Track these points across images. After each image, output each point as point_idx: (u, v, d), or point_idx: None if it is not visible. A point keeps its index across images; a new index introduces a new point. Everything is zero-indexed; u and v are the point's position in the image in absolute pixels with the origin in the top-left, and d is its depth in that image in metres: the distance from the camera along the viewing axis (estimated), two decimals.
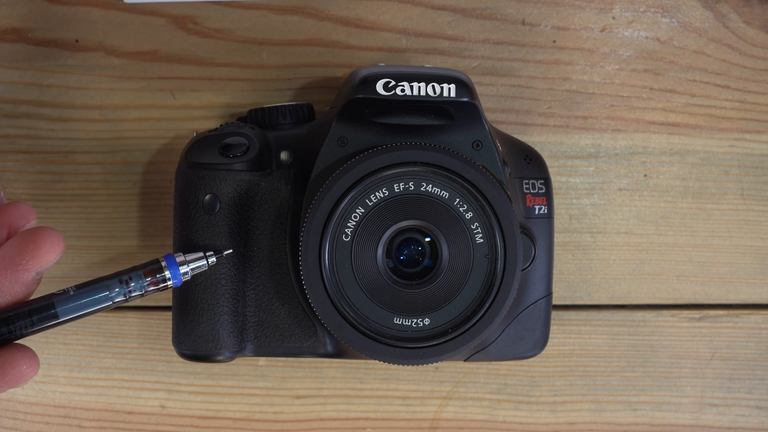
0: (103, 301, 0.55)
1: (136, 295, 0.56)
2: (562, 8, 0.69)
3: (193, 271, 0.58)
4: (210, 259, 0.59)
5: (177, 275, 0.57)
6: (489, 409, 0.71)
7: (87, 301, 0.55)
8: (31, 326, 0.53)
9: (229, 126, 0.63)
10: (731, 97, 0.70)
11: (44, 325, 0.54)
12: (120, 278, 0.55)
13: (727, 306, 0.71)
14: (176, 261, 0.57)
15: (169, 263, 0.57)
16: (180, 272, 0.57)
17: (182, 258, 0.58)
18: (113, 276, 0.56)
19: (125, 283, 0.55)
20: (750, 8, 0.69)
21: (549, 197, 0.64)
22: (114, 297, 0.55)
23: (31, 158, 0.69)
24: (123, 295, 0.55)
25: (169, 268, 0.57)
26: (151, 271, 0.56)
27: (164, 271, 0.57)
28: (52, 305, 0.54)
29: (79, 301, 0.54)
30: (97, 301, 0.55)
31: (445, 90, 0.60)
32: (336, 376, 0.70)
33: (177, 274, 0.57)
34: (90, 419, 0.71)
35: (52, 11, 0.68)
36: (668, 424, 0.71)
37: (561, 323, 0.70)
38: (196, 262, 0.58)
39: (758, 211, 0.70)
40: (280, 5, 0.68)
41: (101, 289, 0.55)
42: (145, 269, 0.56)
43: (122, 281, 0.55)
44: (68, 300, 0.54)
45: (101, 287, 0.55)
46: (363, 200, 0.58)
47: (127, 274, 0.56)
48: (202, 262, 0.59)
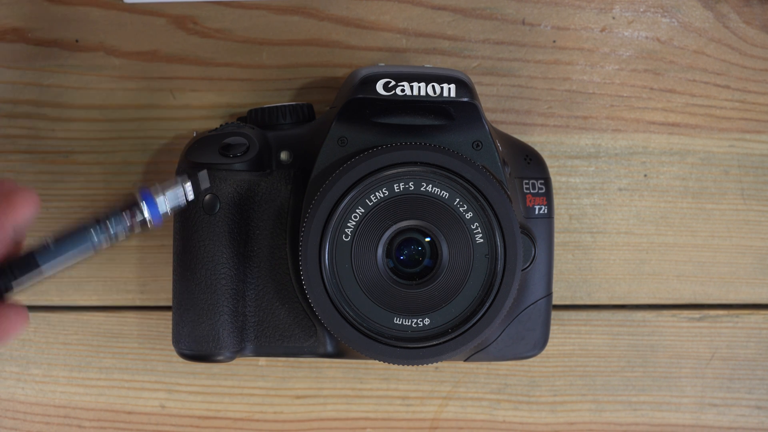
0: (87, 247, 0.53)
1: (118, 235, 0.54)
2: (562, 8, 0.69)
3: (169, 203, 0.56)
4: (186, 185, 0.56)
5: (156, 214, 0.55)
6: (489, 409, 0.71)
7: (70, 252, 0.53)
8: (13, 279, 0.52)
9: (229, 126, 0.63)
10: (731, 97, 0.70)
11: (29, 281, 0.52)
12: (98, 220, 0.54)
13: (727, 306, 0.71)
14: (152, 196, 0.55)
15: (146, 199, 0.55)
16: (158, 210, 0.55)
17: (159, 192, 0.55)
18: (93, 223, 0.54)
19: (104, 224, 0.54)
20: (750, 8, 0.69)
21: (549, 197, 0.64)
22: (98, 241, 0.53)
23: (31, 158, 0.69)
24: (105, 239, 0.54)
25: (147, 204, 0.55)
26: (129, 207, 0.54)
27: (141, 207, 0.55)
28: (33, 259, 0.52)
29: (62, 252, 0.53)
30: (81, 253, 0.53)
31: (445, 90, 0.60)
32: (336, 376, 0.70)
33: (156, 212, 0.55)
34: (90, 419, 0.71)
35: (52, 11, 0.68)
36: (668, 424, 0.71)
37: (561, 323, 0.70)
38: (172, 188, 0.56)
39: (758, 211, 0.70)
40: (280, 5, 0.68)
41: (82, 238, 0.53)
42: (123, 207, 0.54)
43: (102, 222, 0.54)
44: (49, 253, 0.53)
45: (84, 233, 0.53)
46: (363, 200, 0.58)
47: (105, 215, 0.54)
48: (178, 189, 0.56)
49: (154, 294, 0.70)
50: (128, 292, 0.70)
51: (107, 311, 0.70)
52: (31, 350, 0.70)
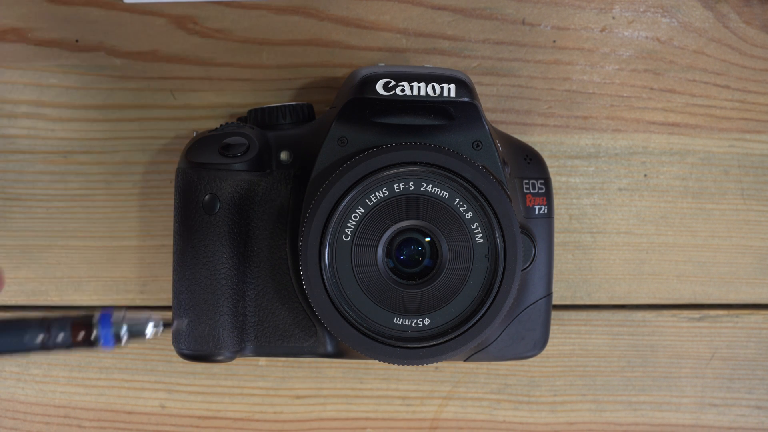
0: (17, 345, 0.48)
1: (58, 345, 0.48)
2: (562, 8, 0.69)
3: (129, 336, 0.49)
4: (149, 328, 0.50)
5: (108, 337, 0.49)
6: (489, 409, 0.71)
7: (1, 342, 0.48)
8: None
9: (229, 126, 0.63)
10: (731, 97, 0.70)
11: None
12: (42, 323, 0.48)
13: (727, 306, 0.71)
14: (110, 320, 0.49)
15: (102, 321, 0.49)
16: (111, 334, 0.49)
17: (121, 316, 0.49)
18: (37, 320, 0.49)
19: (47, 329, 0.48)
20: (750, 8, 0.69)
21: (549, 197, 0.64)
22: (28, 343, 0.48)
23: (31, 158, 0.69)
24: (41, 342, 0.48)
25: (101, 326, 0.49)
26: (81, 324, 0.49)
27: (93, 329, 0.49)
28: None
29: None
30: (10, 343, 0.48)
31: (445, 90, 0.60)
32: (336, 376, 0.70)
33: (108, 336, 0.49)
34: (90, 419, 0.71)
35: (52, 11, 0.68)
36: (668, 424, 0.71)
37: (561, 323, 0.70)
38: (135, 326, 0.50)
39: (758, 211, 0.70)
40: (280, 5, 0.68)
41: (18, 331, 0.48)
42: (75, 321, 0.49)
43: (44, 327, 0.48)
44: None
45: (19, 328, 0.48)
46: (363, 200, 0.58)
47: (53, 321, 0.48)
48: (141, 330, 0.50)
49: (154, 294, 0.70)
50: (128, 292, 0.70)
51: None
52: None
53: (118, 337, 0.49)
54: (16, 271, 0.70)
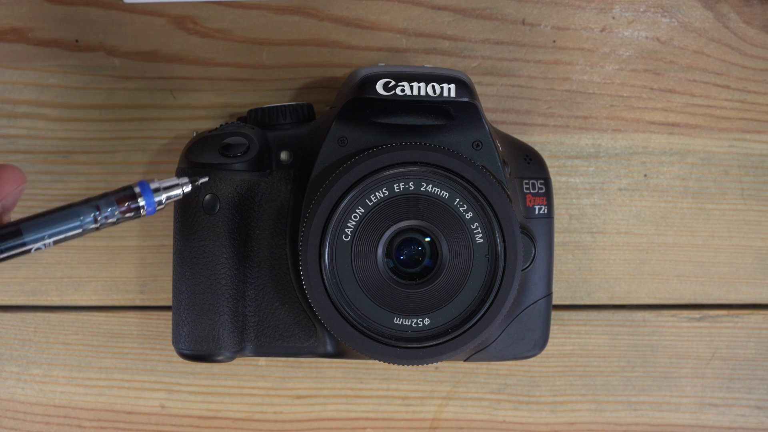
0: (74, 227, 0.53)
1: (108, 222, 0.54)
2: (562, 8, 0.69)
3: (167, 200, 0.56)
4: (185, 188, 0.57)
5: (151, 203, 0.55)
6: (489, 409, 0.71)
7: (56, 228, 0.53)
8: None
9: (229, 126, 0.63)
10: (731, 97, 0.70)
11: (12, 251, 0.52)
12: (91, 204, 0.54)
13: (727, 306, 0.71)
14: (150, 188, 0.55)
15: (143, 190, 0.55)
16: (154, 200, 0.56)
17: (157, 185, 0.56)
18: (84, 202, 0.54)
19: (97, 209, 0.54)
20: (750, 8, 0.69)
21: (549, 197, 0.64)
22: (85, 223, 0.53)
23: (31, 158, 0.69)
24: (94, 220, 0.53)
25: (144, 195, 0.55)
26: (124, 197, 0.55)
27: (138, 198, 0.55)
28: (18, 231, 0.52)
29: (48, 227, 0.52)
30: (67, 227, 0.53)
31: (445, 90, 0.60)
32: (336, 376, 0.70)
33: (151, 202, 0.55)
34: (90, 419, 0.71)
35: (52, 11, 0.68)
36: (668, 424, 0.71)
37: (561, 323, 0.70)
38: (171, 190, 0.57)
39: (758, 211, 0.70)
40: (280, 5, 0.68)
41: (71, 215, 0.53)
42: (118, 196, 0.55)
43: (94, 207, 0.54)
44: (36, 225, 0.52)
45: (71, 213, 0.53)
46: (363, 200, 0.58)
47: (99, 200, 0.54)
48: (177, 191, 0.57)
49: (154, 294, 0.70)
50: (128, 292, 0.70)
51: (107, 311, 0.70)
52: (31, 350, 0.70)
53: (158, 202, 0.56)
54: (16, 271, 0.70)
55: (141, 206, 0.55)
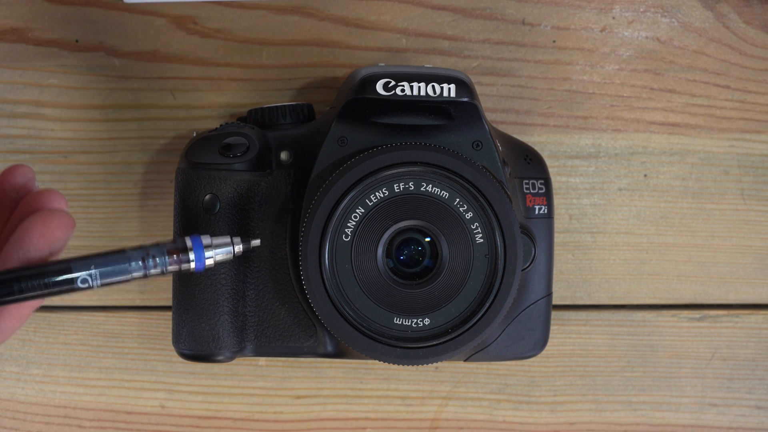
0: (123, 274, 0.53)
1: (156, 273, 0.53)
2: (562, 8, 0.69)
3: (217, 258, 0.55)
4: (236, 247, 0.56)
5: (201, 258, 0.54)
6: (489, 409, 0.71)
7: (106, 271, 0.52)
8: (44, 288, 0.51)
9: (229, 126, 0.63)
10: (731, 97, 0.70)
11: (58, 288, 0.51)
12: (143, 253, 0.53)
13: (727, 306, 0.71)
14: (203, 244, 0.54)
15: (195, 245, 0.54)
16: (205, 256, 0.54)
17: (209, 241, 0.55)
18: (136, 249, 0.53)
19: (147, 259, 0.53)
20: (750, 8, 0.69)
21: (549, 197, 0.64)
22: (133, 271, 0.53)
23: (31, 158, 0.69)
24: (143, 270, 0.53)
25: (195, 251, 0.54)
26: (176, 250, 0.54)
27: (188, 252, 0.54)
28: (69, 269, 0.51)
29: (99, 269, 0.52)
30: (116, 273, 0.52)
31: (445, 90, 0.60)
32: (336, 376, 0.71)
33: (201, 257, 0.54)
34: (90, 419, 0.71)
35: (52, 11, 0.68)
36: (668, 424, 0.71)
37: (561, 323, 0.70)
38: (222, 248, 0.55)
39: (758, 211, 0.70)
40: (280, 5, 0.68)
41: (122, 261, 0.53)
42: (169, 248, 0.54)
43: (145, 258, 0.53)
44: (86, 267, 0.52)
45: (123, 258, 0.53)
46: (363, 200, 0.58)
47: (151, 250, 0.53)
48: (227, 249, 0.55)
49: (154, 294, 0.70)
50: (128, 292, 0.70)
51: (107, 311, 0.70)
52: (31, 350, 0.70)
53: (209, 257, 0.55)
54: None
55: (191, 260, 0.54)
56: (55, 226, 0.52)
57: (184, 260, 0.54)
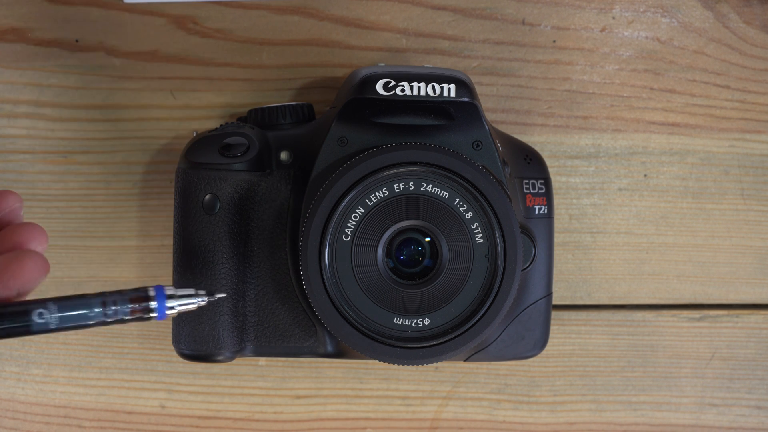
0: (81, 320, 0.52)
1: (115, 321, 0.53)
2: (562, 8, 0.69)
3: (180, 308, 0.54)
4: (200, 299, 0.55)
5: (162, 309, 0.53)
6: (489, 409, 0.71)
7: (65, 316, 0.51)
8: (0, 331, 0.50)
9: (229, 126, 0.63)
10: (731, 97, 0.70)
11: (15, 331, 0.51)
12: (104, 300, 0.52)
13: (727, 306, 0.71)
14: (165, 294, 0.54)
15: (158, 295, 0.53)
16: (166, 306, 0.53)
17: (172, 292, 0.54)
18: (96, 296, 0.52)
19: (108, 305, 0.52)
20: (750, 8, 0.69)
21: (549, 197, 0.64)
22: (93, 318, 0.52)
23: (31, 158, 0.69)
24: (103, 317, 0.52)
25: (157, 300, 0.53)
26: (138, 298, 0.53)
27: (150, 301, 0.53)
28: (27, 313, 0.51)
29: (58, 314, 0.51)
30: (75, 319, 0.52)
31: (445, 90, 0.60)
32: (336, 376, 0.70)
33: (163, 308, 0.53)
34: (90, 419, 0.71)
35: (52, 11, 0.68)
36: (668, 424, 0.71)
37: (561, 323, 0.70)
38: (186, 299, 0.54)
39: (758, 211, 0.70)
40: (280, 5, 0.68)
41: (81, 307, 0.52)
42: (132, 296, 0.53)
43: (105, 303, 0.52)
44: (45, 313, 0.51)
45: (82, 305, 0.52)
46: (363, 200, 0.58)
47: (112, 297, 0.52)
48: (192, 300, 0.55)
49: None
50: None
51: None
52: (31, 350, 0.70)
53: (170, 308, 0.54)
54: None
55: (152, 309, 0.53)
56: (29, 269, 0.51)
57: (145, 310, 0.53)
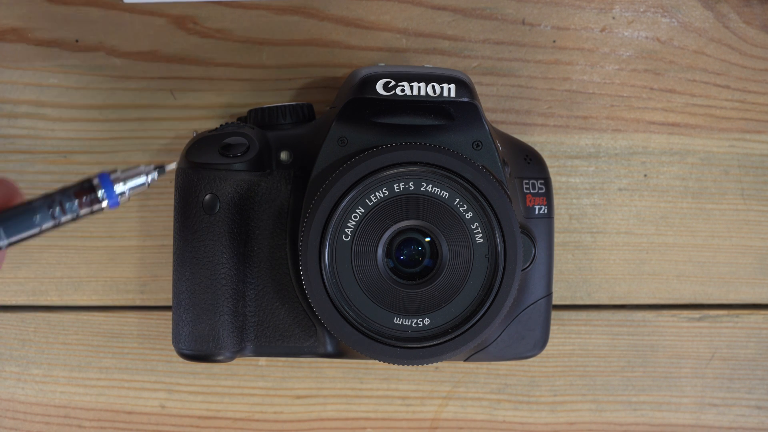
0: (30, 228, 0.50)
1: (67, 219, 0.51)
2: (562, 8, 0.69)
3: (130, 189, 0.52)
4: (149, 176, 0.53)
5: (113, 195, 0.51)
6: (489, 409, 0.71)
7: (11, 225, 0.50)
8: None
9: (229, 126, 0.63)
10: (731, 97, 0.70)
11: None
12: (49, 203, 0.51)
13: (727, 306, 0.71)
14: (111, 180, 0.51)
15: (103, 182, 0.51)
16: (116, 192, 0.52)
17: (117, 175, 0.52)
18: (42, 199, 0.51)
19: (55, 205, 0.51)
20: (750, 8, 0.69)
21: (549, 197, 0.64)
22: (42, 222, 0.51)
23: (31, 158, 0.69)
24: (52, 219, 0.51)
25: (104, 188, 0.51)
26: (82, 191, 0.51)
27: (97, 190, 0.51)
28: None
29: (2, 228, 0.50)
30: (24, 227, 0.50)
31: (445, 90, 0.60)
32: (336, 376, 0.70)
33: (112, 194, 0.51)
34: (90, 419, 0.71)
35: (52, 11, 0.68)
36: (668, 424, 0.71)
37: (561, 323, 0.70)
38: (134, 179, 0.52)
39: (758, 211, 0.70)
40: (280, 5, 0.68)
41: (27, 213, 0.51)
42: (76, 190, 0.51)
43: (51, 205, 0.51)
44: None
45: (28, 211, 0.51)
46: (363, 200, 0.58)
47: (57, 197, 0.51)
48: (140, 180, 0.52)
49: (154, 294, 0.70)
50: (128, 292, 0.70)
51: (107, 311, 0.70)
52: (31, 350, 0.70)
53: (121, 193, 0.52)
54: (16, 271, 0.70)
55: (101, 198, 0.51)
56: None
57: (95, 200, 0.51)
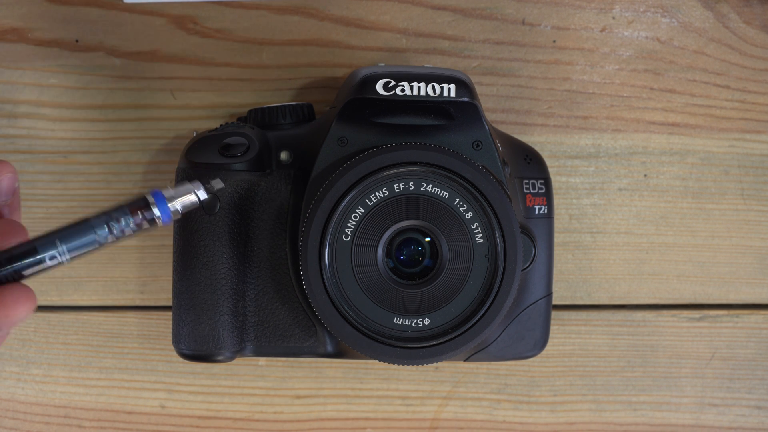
0: (91, 245, 0.52)
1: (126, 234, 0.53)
2: (562, 8, 0.69)
3: (183, 206, 0.54)
4: (199, 192, 0.55)
5: (166, 211, 0.54)
6: (489, 409, 0.71)
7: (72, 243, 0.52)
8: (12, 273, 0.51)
9: (229, 126, 0.63)
10: (731, 97, 0.70)
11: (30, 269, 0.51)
12: (107, 220, 0.52)
13: (727, 306, 0.71)
14: (164, 196, 0.54)
15: (157, 200, 0.54)
16: (169, 209, 0.54)
17: (171, 193, 0.54)
18: (99, 218, 0.53)
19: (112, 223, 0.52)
20: (750, 8, 0.69)
21: (549, 197, 0.64)
22: (101, 239, 0.52)
23: (31, 158, 0.69)
24: (109, 235, 0.52)
25: (158, 205, 0.53)
26: (139, 208, 0.53)
27: (152, 208, 0.53)
28: (34, 249, 0.51)
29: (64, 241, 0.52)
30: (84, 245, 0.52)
31: (445, 90, 0.60)
32: (336, 376, 0.71)
33: (166, 210, 0.54)
34: (90, 419, 0.71)
35: (52, 11, 0.68)
36: (668, 424, 0.71)
37: (561, 323, 0.70)
38: (185, 196, 0.55)
39: (758, 211, 0.70)
40: (280, 5, 0.68)
41: (87, 231, 0.52)
42: (132, 207, 0.53)
43: (109, 223, 0.52)
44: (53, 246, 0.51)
45: (87, 228, 0.52)
46: (363, 200, 0.58)
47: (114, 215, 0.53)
48: (191, 197, 0.55)
49: (154, 294, 0.70)
50: (128, 292, 0.70)
51: (107, 311, 0.70)
52: (31, 350, 0.70)
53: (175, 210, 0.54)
54: None
55: (156, 216, 0.54)
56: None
57: (149, 216, 0.53)
